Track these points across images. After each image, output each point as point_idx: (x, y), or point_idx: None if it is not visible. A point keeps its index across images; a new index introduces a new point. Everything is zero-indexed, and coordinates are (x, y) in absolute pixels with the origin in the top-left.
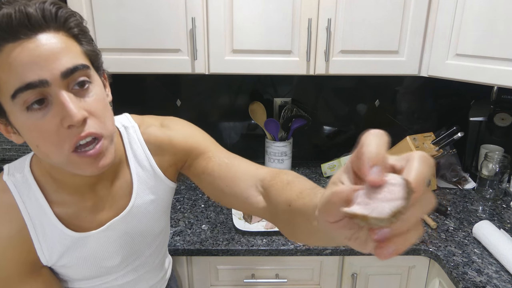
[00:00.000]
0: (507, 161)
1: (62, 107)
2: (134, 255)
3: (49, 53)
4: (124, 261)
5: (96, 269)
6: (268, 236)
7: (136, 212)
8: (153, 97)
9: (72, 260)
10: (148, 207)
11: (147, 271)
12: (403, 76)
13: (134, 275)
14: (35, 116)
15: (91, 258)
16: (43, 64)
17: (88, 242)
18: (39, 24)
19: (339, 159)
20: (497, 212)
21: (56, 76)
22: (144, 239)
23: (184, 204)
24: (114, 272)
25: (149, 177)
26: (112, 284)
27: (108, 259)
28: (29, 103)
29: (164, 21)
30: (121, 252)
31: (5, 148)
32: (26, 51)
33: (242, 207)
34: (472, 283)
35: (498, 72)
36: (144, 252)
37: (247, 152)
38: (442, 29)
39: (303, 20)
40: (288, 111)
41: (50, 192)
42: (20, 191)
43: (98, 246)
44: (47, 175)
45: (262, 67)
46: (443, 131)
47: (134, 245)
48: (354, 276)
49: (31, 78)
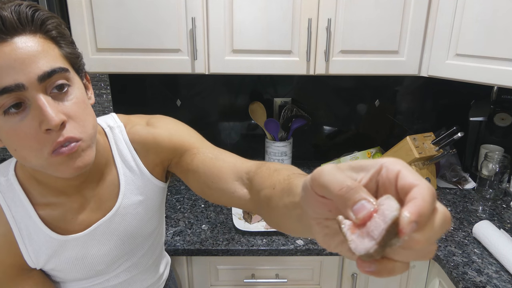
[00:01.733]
0: (507, 161)
1: (39, 111)
2: (124, 256)
3: (25, 57)
4: (115, 262)
5: (86, 271)
6: (268, 236)
7: (124, 213)
8: (153, 97)
9: (61, 264)
10: (137, 208)
11: (141, 271)
12: (403, 76)
13: (127, 276)
14: (13, 120)
15: (79, 261)
16: (19, 67)
17: (75, 245)
18: (14, 27)
19: (339, 159)
20: (497, 212)
21: (32, 80)
22: (134, 240)
23: (184, 204)
24: (105, 274)
25: (137, 177)
26: (105, 285)
27: (97, 261)
28: (5, 107)
29: (164, 21)
30: (111, 254)
31: (5, 148)
32: (1, 54)
33: (230, 202)
34: (472, 283)
35: (498, 72)
36: (136, 253)
37: (247, 152)
38: (442, 29)
39: (303, 20)
40: (288, 111)
41: (35, 195)
42: (5, 195)
43: (86, 248)
44: (32, 178)
45: (262, 67)
46: (443, 131)
47: (124, 247)
48: (354, 276)
49: (7, 82)
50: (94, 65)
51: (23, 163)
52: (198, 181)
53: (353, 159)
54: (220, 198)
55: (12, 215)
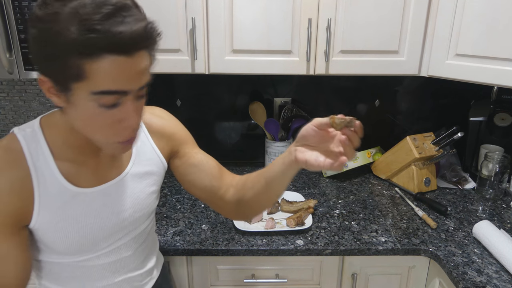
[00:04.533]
0: (507, 161)
1: (127, 113)
2: (123, 230)
3: (140, 72)
4: (111, 235)
5: (81, 237)
6: (268, 236)
7: (131, 179)
8: (153, 97)
9: (64, 219)
10: (142, 177)
11: (129, 256)
12: (403, 76)
13: (115, 257)
14: (100, 110)
15: (81, 220)
16: (132, 79)
17: (83, 201)
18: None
19: None
20: (497, 212)
21: (135, 88)
22: (136, 213)
23: (184, 204)
24: (97, 247)
25: (147, 150)
26: (88, 264)
27: (97, 227)
28: (105, 104)
29: (164, 21)
30: (111, 222)
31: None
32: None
33: (212, 201)
34: (472, 283)
35: (498, 72)
36: (130, 232)
37: (247, 152)
38: (442, 29)
39: (303, 20)
40: (288, 111)
41: (56, 148)
42: (29, 143)
43: (91, 208)
44: (58, 135)
45: (262, 67)
46: (443, 131)
47: (125, 217)
48: (354, 276)
49: (119, 87)
50: None
51: (82, 131)
52: (189, 174)
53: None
54: (201, 195)
55: (33, 163)
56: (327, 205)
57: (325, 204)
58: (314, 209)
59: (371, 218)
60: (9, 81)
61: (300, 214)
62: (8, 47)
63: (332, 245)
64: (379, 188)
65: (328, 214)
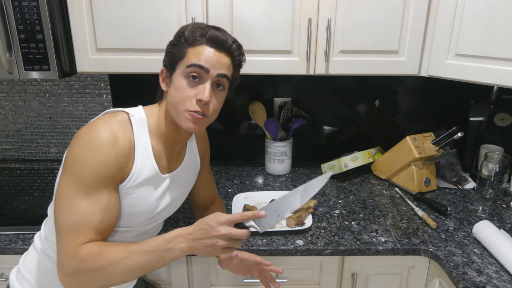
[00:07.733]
0: (507, 161)
1: (203, 89)
2: (165, 213)
3: (220, 62)
4: (157, 215)
5: (141, 213)
6: (268, 236)
7: (185, 170)
8: (153, 97)
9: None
10: (191, 169)
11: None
12: (403, 76)
13: (145, 230)
14: (186, 83)
15: (150, 198)
16: (214, 64)
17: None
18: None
19: (339, 159)
20: (497, 212)
21: (214, 73)
22: (180, 199)
23: (184, 204)
24: (143, 223)
25: (192, 150)
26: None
27: (154, 206)
28: (188, 74)
29: (164, 21)
30: (164, 205)
31: (5, 148)
32: (211, 53)
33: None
34: (472, 283)
35: (498, 72)
36: (161, 219)
37: (247, 152)
38: (442, 29)
39: (303, 20)
40: (288, 111)
41: (154, 136)
42: (136, 126)
43: (159, 191)
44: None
45: (262, 67)
46: (443, 131)
47: (174, 204)
48: (354, 276)
49: (203, 64)
50: (94, 65)
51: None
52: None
53: (353, 159)
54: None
55: (138, 140)
56: (327, 205)
57: (325, 204)
58: (314, 209)
59: (371, 218)
60: (9, 81)
61: (300, 214)
62: (8, 47)
63: (332, 245)
64: (379, 188)
65: (328, 214)
